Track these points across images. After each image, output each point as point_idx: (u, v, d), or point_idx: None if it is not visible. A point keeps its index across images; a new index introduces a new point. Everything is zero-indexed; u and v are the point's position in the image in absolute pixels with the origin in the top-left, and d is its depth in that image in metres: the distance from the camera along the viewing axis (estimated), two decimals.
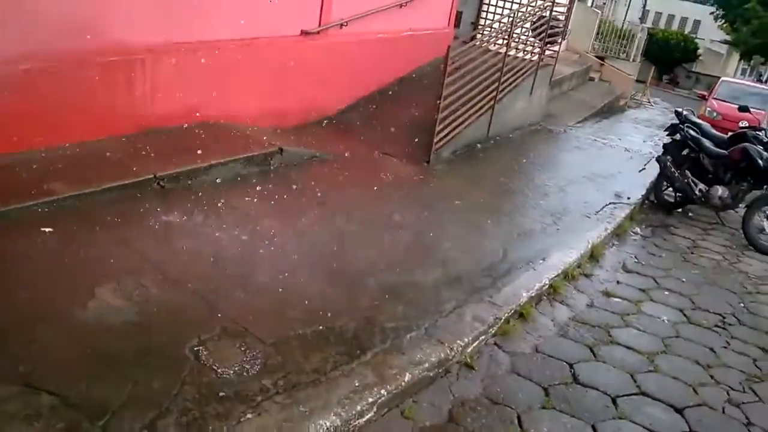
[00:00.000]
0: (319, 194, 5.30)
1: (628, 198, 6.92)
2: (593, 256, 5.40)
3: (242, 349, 3.16)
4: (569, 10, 11.22)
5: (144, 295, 3.41)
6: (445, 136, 7.01)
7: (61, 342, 2.97)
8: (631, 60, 17.60)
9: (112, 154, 4.85)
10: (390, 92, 8.34)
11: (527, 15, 8.89)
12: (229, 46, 6.03)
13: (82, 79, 4.84)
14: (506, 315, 4.04)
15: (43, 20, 4.49)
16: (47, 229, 3.83)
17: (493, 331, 3.91)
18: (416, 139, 7.02)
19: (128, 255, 3.79)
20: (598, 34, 17.44)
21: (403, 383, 3.19)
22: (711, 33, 38.91)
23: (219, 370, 2.97)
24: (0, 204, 3.88)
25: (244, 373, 2.99)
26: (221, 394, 2.84)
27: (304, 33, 7.00)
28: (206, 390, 2.84)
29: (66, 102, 4.75)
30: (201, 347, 3.10)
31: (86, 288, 3.36)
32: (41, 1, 4.46)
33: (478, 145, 7.82)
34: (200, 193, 4.79)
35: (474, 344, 3.72)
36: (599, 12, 18.53)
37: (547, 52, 9.65)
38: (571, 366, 3.79)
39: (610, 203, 6.60)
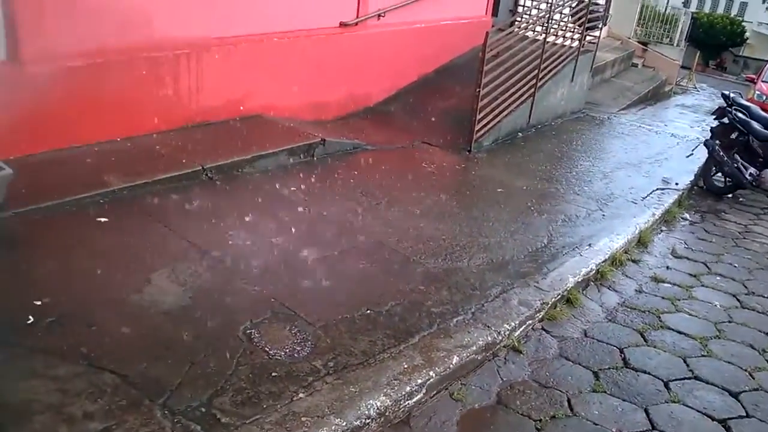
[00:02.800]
0: (362, 183, 5.35)
1: (677, 184, 6.79)
2: (641, 241, 5.32)
3: (293, 332, 3.23)
4: None
5: (197, 280, 3.51)
6: (485, 124, 6.99)
7: (120, 325, 3.07)
8: (675, 45, 17.18)
9: (162, 148, 4.98)
10: (430, 82, 8.33)
11: (566, 0, 8.77)
12: (271, 40, 6.12)
13: (132, 75, 4.96)
14: (553, 300, 4.02)
15: (94, 17, 4.62)
16: (103, 219, 3.97)
17: (540, 316, 3.90)
18: (457, 129, 7.01)
19: (180, 243, 3.89)
20: (640, 19, 17.07)
21: (451, 366, 3.21)
22: (759, 15, 37.65)
23: (271, 352, 3.04)
24: (58, 195, 4.04)
25: (295, 355, 3.06)
26: (274, 374, 2.90)
27: (343, 25, 7.05)
28: (259, 370, 2.91)
29: (117, 97, 4.89)
30: (253, 330, 3.17)
31: (142, 274, 3.48)
32: None
33: (520, 134, 7.76)
34: (246, 184, 4.90)
35: (521, 329, 3.72)
36: None
37: (588, 38, 9.50)
38: (621, 350, 3.75)
39: (657, 189, 6.49)
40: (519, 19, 8.62)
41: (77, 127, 4.69)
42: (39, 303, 3.13)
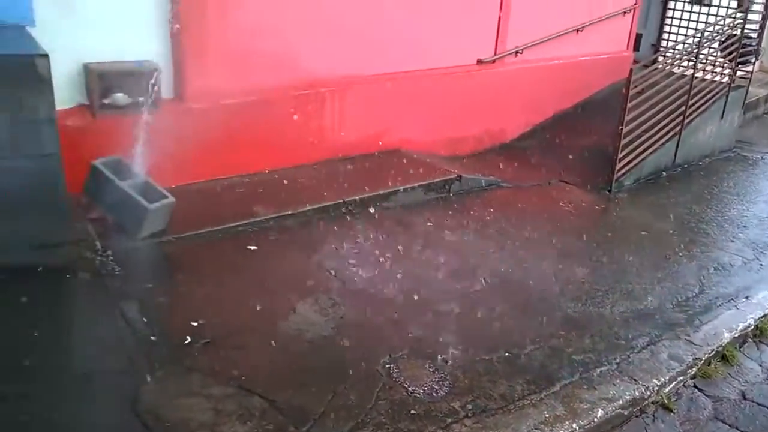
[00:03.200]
0: (498, 221, 5.29)
1: None
2: None
3: (431, 369, 3.22)
4: (762, 27, 10.32)
5: (338, 311, 3.62)
6: (627, 163, 6.70)
7: (267, 350, 3.22)
8: None
9: (305, 180, 5.21)
10: (567, 118, 8.14)
11: (715, 34, 8.30)
12: (410, 77, 6.26)
13: (280, 111, 5.25)
14: (706, 356, 3.73)
15: (249, 58, 4.95)
16: (252, 247, 4.20)
17: (692, 373, 3.64)
18: (596, 167, 6.77)
19: (323, 273, 4.04)
20: None
21: (595, 419, 3.06)
22: None
23: (410, 389, 3.05)
24: (213, 223, 4.33)
25: (434, 394, 3.05)
26: (412, 411, 2.91)
27: (480, 62, 7.09)
28: (398, 407, 2.93)
29: (266, 132, 5.18)
30: (392, 365, 3.21)
31: (288, 303, 3.63)
32: (251, 39, 4.93)
33: (664, 173, 7.37)
34: (384, 218, 5.00)
35: (671, 385, 3.49)
36: None
37: (739, 73, 8.92)
38: None
39: None
40: (663, 54, 8.25)
41: (230, 159, 5.01)
42: (195, 324, 3.35)
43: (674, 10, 10.20)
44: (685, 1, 10.23)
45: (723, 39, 8.52)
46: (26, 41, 3.52)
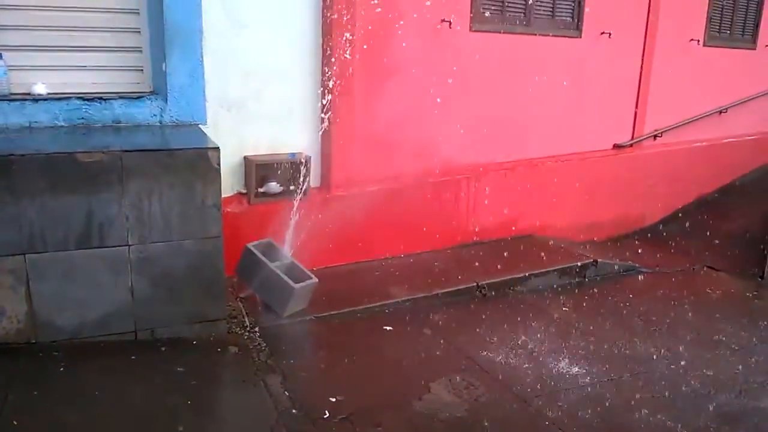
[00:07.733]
0: (638, 307, 5.09)
1: None
2: None
3: None
4: None
5: (473, 393, 3.62)
6: None
7: (402, 427, 3.28)
8: None
9: (439, 264, 5.37)
10: (710, 202, 7.79)
11: None
12: (545, 163, 6.34)
13: (418, 198, 5.51)
14: None
15: (391, 150, 5.29)
16: (388, 328, 4.35)
17: None
18: (745, 253, 6.38)
19: (456, 355, 4.08)
20: None
21: None
22: None
23: None
24: (351, 304, 4.57)
25: None
26: None
27: (617, 146, 7.05)
28: None
29: (404, 217, 5.44)
30: None
31: (423, 382, 3.69)
32: (393, 131, 5.29)
33: None
34: (519, 302, 5.01)
35: None
36: None
37: None
38: None
39: None
40: None
41: (369, 243, 5.29)
42: (333, 400, 3.48)
43: None
44: None
45: None
46: (200, 137, 4.03)
